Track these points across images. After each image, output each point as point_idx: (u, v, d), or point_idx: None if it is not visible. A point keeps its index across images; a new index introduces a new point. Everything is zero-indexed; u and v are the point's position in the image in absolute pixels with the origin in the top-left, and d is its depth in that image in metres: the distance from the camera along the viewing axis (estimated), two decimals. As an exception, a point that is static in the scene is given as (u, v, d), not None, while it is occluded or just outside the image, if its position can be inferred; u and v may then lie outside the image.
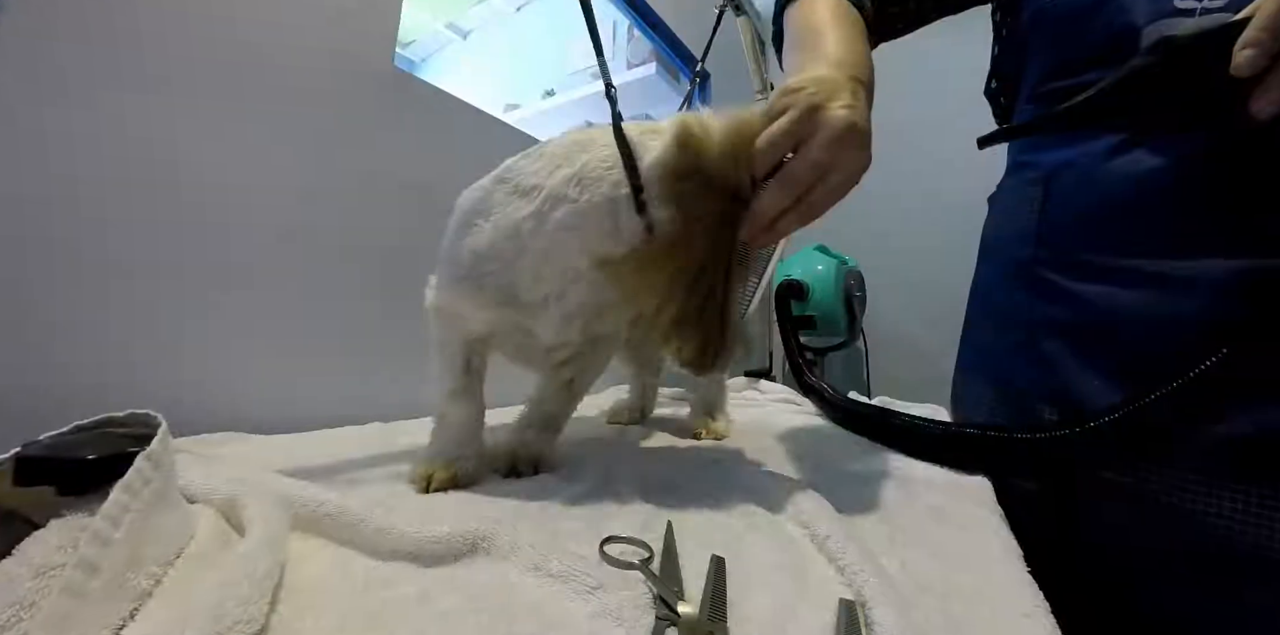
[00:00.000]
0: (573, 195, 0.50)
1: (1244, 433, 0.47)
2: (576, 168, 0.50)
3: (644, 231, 0.49)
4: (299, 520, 0.42)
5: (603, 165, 0.50)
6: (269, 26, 0.82)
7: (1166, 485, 0.51)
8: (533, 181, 0.52)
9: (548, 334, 0.57)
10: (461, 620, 0.32)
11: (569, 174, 0.51)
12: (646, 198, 0.48)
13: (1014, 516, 0.54)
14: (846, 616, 0.33)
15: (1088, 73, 0.57)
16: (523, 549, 0.39)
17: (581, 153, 0.51)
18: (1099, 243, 0.56)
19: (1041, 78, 0.65)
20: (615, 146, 0.49)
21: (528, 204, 0.52)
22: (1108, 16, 0.51)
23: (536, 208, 0.51)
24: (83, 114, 0.64)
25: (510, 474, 0.60)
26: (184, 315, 0.73)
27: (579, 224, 0.50)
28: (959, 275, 0.84)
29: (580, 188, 0.50)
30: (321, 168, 0.88)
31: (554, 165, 0.52)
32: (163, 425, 0.38)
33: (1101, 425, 0.51)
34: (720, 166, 0.46)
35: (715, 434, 0.85)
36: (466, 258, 0.56)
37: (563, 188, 0.50)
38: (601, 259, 0.51)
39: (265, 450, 0.68)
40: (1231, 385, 0.47)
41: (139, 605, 0.30)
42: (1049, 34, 0.47)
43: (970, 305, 0.79)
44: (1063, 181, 0.60)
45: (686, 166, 0.46)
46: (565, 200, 0.50)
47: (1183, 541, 0.51)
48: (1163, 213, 0.51)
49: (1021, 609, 0.37)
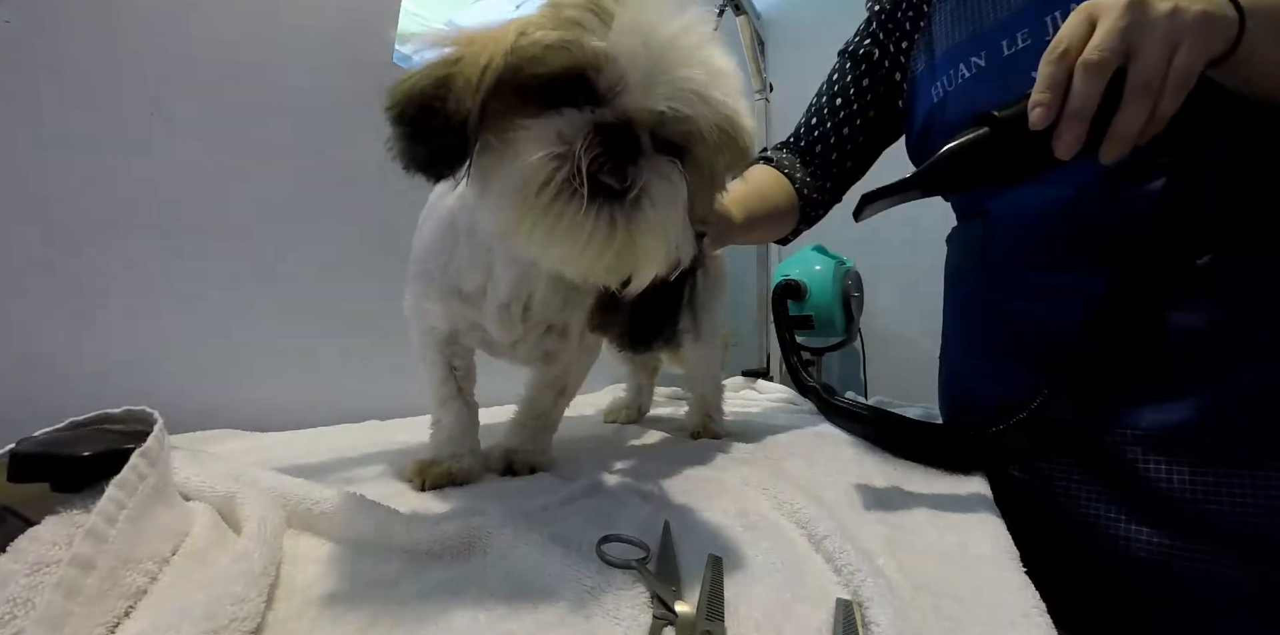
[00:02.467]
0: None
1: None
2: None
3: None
4: (295, 518, 0.42)
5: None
6: (269, 25, 0.82)
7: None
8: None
9: (492, 327, 0.56)
10: (459, 619, 0.32)
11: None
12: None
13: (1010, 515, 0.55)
14: (844, 616, 0.33)
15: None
16: (520, 548, 0.39)
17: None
18: (1026, 269, 0.66)
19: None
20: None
21: (460, 187, 0.51)
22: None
23: (461, 190, 0.50)
24: (82, 114, 0.64)
25: (507, 473, 0.60)
26: (181, 313, 0.73)
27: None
28: (957, 276, 0.84)
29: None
30: (320, 165, 0.88)
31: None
32: (159, 422, 0.38)
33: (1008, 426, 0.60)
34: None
35: (712, 434, 0.85)
36: (419, 253, 0.56)
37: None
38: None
39: (261, 448, 0.68)
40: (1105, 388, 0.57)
41: (134, 603, 0.30)
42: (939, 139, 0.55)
43: (943, 332, 0.86)
44: (999, 224, 0.70)
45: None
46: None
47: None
48: (1055, 236, 0.63)
49: (1018, 609, 0.37)
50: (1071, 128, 0.43)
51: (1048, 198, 0.62)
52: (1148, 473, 0.55)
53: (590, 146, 0.36)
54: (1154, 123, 0.43)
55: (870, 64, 0.85)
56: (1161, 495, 0.54)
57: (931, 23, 0.77)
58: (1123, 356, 0.56)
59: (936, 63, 0.74)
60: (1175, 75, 0.41)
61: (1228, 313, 0.54)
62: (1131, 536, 0.56)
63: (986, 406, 0.70)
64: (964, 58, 0.69)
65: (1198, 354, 0.54)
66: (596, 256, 0.38)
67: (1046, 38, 0.58)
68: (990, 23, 0.67)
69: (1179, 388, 0.55)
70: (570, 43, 0.37)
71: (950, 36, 0.73)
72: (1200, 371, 0.54)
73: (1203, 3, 0.41)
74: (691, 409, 0.92)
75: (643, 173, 0.38)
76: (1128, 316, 0.56)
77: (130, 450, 0.33)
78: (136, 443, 0.34)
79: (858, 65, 0.86)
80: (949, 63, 0.71)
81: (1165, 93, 0.42)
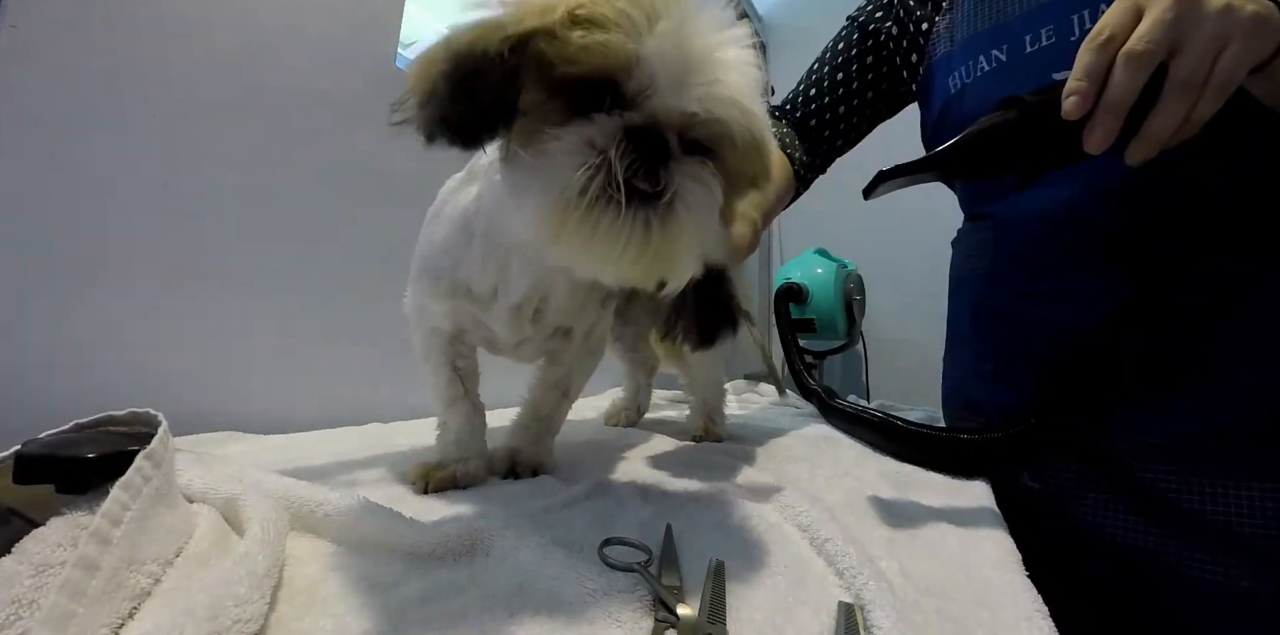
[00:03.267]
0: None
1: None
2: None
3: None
4: (298, 520, 0.42)
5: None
6: (274, 27, 0.83)
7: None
8: (483, 162, 0.50)
9: (499, 328, 0.56)
10: (461, 621, 0.32)
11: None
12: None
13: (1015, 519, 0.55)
14: (845, 619, 0.33)
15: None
16: (522, 551, 0.39)
17: None
18: (1035, 275, 0.65)
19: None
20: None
21: (474, 187, 0.51)
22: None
23: (479, 189, 0.50)
24: (83, 114, 0.65)
25: (509, 476, 0.60)
26: (185, 315, 0.73)
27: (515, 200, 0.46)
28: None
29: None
30: (324, 168, 0.89)
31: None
32: (163, 424, 0.38)
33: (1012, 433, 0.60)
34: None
35: (714, 437, 0.85)
36: (426, 251, 0.56)
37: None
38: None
39: (264, 450, 0.68)
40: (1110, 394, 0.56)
41: (138, 604, 0.30)
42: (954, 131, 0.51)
43: (947, 336, 0.84)
44: (1006, 227, 0.69)
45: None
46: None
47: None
48: (1062, 240, 0.62)
49: (1021, 613, 0.37)
50: (1105, 121, 0.41)
51: (1055, 200, 0.61)
52: (1152, 477, 0.55)
53: (624, 153, 0.36)
54: (1188, 126, 0.41)
55: (878, 42, 0.80)
56: (1165, 500, 0.54)
57: (955, 5, 0.74)
58: (1129, 361, 0.56)
59: (956, 51, 0.71)
60: (1218, 77, 0.39)
61: (1236, 316, 0.53)
62: (1134, 541, 0.56)
63: (990, 410, 0.70)
64: (985, 49, 0.66)
65: (1206, 359, 0.54)
66: (634, 261, 0.38)
67: (1073, 38, 0.57)
68: (1015, 13, 0.64)
69: (1186, 393, 0.54)
70: (607, 44, 0.36)
71: (972, 23, 0.70)
72: (1208, 376, 0.54)
73: (1255, 3, 0.38)
74: (693, 412, 0.92)
75: (674, 175, 0.37)
76: (1135, 320, 0.55)
77: (135, 452, 0.34)
78: (141, 445, 0.34)
79: (865, 39, 0.81)
80: (969, 53, 0.69)
81: (1205, 95, 0.39)
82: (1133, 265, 0.55)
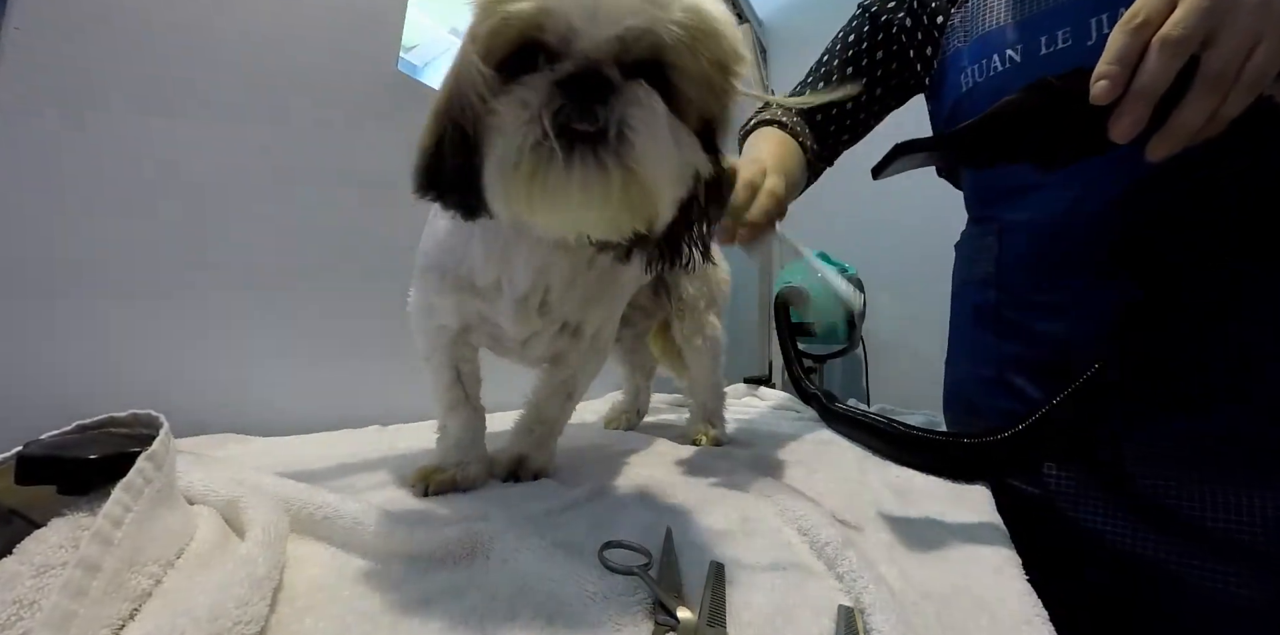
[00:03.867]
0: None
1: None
2: None
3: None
4: (298, 522, 0.42)
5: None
6: (276, 31, 0.83)
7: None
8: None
9: (507, 323, 0.56)
10: (461, 624, 0.32)
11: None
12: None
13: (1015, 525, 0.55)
14: (845, 623, 0.33)
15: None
16: (522, 554, 0.39)
17: None
18: (1039, 281, 0.65)
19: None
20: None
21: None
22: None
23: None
24: (90, 118, 0.65)
25: (510, 479, 0.60)
26: (186, 317, 0.73)
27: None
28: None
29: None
30: (325, 170, 0.89)
31: None
32: (165, 426, 0.38)
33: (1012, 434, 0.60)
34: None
35: (714, 440, 0.85)
36: (430, 247, 0.56)
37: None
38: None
39: (265, 452, 0.68)
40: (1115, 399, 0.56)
41: (139, 605, 0.30)
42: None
43: (949, 340, 0.84)
44: (1011, 231, 0.69)
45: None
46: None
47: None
48: (1067, 245, 0.62)
49: (1021, 617, 0.37)
50: (1135, 108, 0.39)
51: (1061, 202, 0.61)
52: (1152, 483, 0.55)
53: (549, 101, 0.36)
54: (1215, 122, 0.39)
55: (889, 35, 0.78)
56: (1165, 506, 0.54)
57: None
58: (1132, 365, 0.56)
59: (971, 47, 0.69)
60: (1249, 74, 0.37)
61: (1242, 318, 0.53)
62: (1135, 547, 0.56)
63: (992, 416, 0.70)
64: (999, 48, 0.65)
65: (1211, 363, 0.54)
66: (604, 202, 0.37)
67: (1089, 42, 0.57)
68: (1031, 12, 0.63)
69: (1190, 398, 0.54)
70: (512, 10, 0.36)
71: (986, 20, 0.68)
72: (1213, 381, 0.54)
73: None
74: (693, 416, 0.92)
75: (614, 108, 0.36)
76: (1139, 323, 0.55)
77: (136, 453, 0.34)
78: (142, 446, 0.35)
79: (876, 31, 0.79)
80: (982, 51, 0.67)
81: (1234, 91, 0.38)
82: (1139, 268, 0.55)
